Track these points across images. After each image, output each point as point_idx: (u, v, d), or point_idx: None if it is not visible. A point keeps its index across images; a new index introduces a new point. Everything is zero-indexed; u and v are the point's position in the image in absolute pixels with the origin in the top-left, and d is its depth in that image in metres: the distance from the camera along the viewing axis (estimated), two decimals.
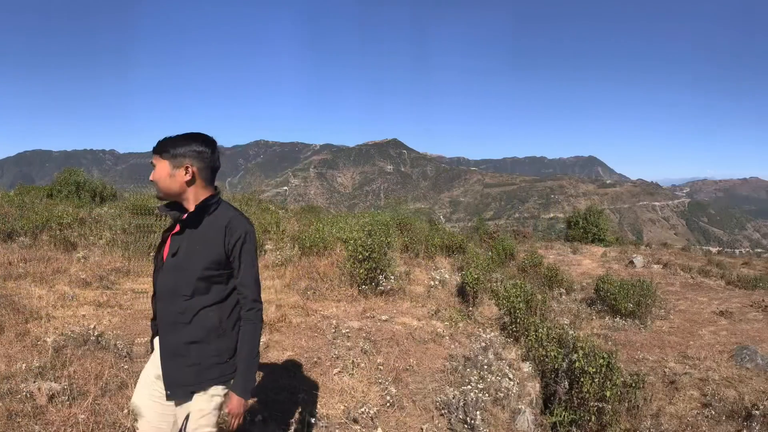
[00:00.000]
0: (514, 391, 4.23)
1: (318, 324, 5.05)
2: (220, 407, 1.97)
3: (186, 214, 1.88)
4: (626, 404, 4.87)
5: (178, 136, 1.88)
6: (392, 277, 6.39)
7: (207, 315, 1.91)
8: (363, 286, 6.15)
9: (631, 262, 16.54)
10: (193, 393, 1.95)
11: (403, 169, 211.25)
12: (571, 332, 5.65)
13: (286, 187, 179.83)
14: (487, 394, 4.01)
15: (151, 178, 1.89)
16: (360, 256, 6.12)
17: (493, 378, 4.24)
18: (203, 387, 1.93)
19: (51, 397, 2.80)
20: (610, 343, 7.23)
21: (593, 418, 4.62)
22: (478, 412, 3.82)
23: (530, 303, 6.55)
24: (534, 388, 4.67)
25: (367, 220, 9.46)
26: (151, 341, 2.12)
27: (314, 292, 5.95)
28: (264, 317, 2.03)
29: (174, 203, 1.94)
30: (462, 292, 7.04)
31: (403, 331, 5.25)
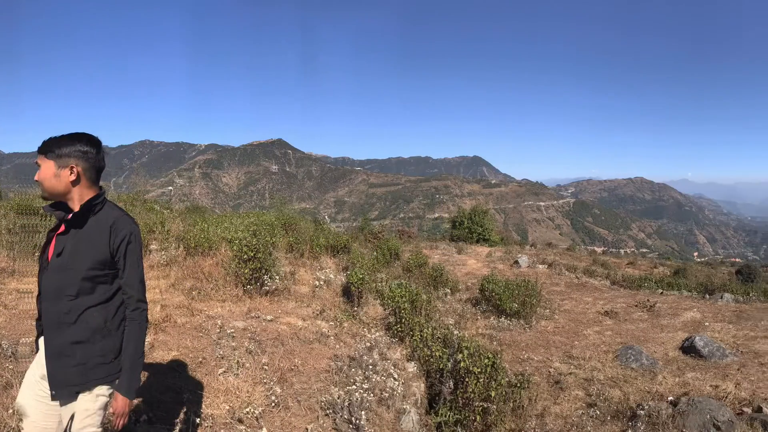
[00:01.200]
0: (399, 391, 6.84)
1: (203, 324, 7.89)
2: (106, 407, 3.23)
3: (71, 214, 3.04)
4: (511, 404, 8.46)
5: (63, 136, 3.04)
6: (277, 277, 10.33)
7: (92, 315, 3.08)
8: (248, 286, 9.80)
9: (516, 262, 26.12)
10: (78, 393, 3.13)
11: (288, 169, 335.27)
12: (456, 332, 9.12)
13: (171, 187, 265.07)
14: (372, 394, 6.57)
15: (36, 178, 3.11)
16: (245, 256, 9.79)
17: (378, 378, 6.77)
18: (88, 387, 3.13)
19: None
20: (495, 343, 11.59)
21: (478, 418, 8.23)
22: (363, 412, 6.40)
23: (415, 303, 10.78)
24: (419, 388, 7.51)
25: (252, 220, 14.45)
26: (36, 341, 3.41)
27: (199, 292, 9.24)
28: (149, 317, 4.14)
29: (59, 203, 3.10)
30: (347, 292, 11.20)
31: (288, 331, 8.47)
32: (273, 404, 6.06)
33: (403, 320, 9.73)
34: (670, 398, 10.26)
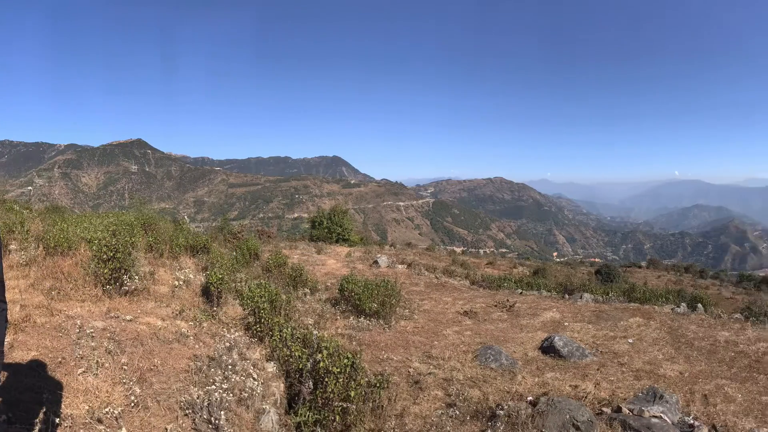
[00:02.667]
0: (259, 391, 7.68)
1: (62, 324, 8.48)
2: None
3: None
4: (370, 404, 9.42)
5: None
6: (137, 277, 11.27)
7: None
8: (107, 286, 10.68)
9: (376, 262, 29.52)
10: None
11: (147, 169, 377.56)
12: (315, 332, 10.28)
13: (30, 187, 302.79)
14: (231, 394, 7.35)
15: None
16: (104, 256, 10.78)
17: (237, 378, 7.60)
18: None
19: None
20: (354, 343, 12.73)
21: (338, 418, 8.86)
22: (222, 413, 7.10)
23: (275, 303, 11.98)
24: (278, 388, 8.35)
25: (111, 220, 16.01)
26: None
27: (59, 293, 9.99)
28: (8, 317, 4.72)
29: None
30: (206, 292, 12.34)
31: (147, 331, 9.20)
32: (132, 404, 6.58)
33: (263, 320, 10.85)
34: (530, 398, 11.38)
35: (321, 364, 8.99)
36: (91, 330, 8.06)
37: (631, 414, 11.18)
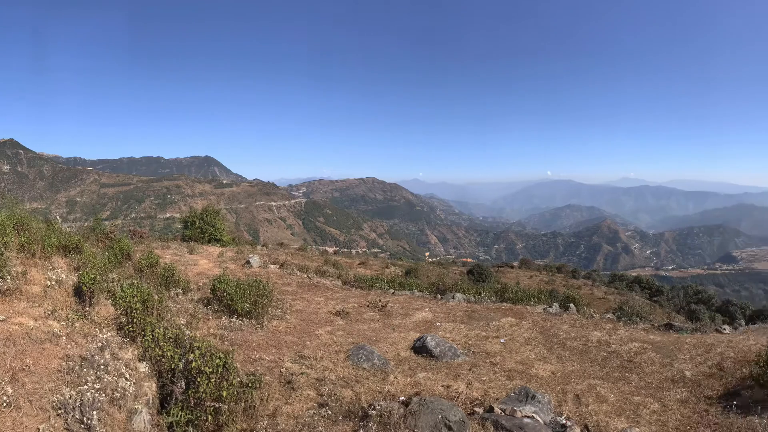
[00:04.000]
0: (131, 391, 8.11)
1: None
2: None
3: None
4: (243, 404, 9.96)
5: None
6: (8, 277, 11.53)
7: None
8: None
9: (248, 262, 31.04)
10: None
11: (20, 170, 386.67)
12: (187, 332, 10.69)
13: None
14: (104, 394, 7.80)
15: None
16: None
17: (109, 378, 8.05)
18: None
19: None
20: (227, 343, 13.32)
21: (210, 418, 9.31)
22: (94, 412, 7.52)
23: (147, 303, 12.32)
24: (151, 388, 8.75)
25: None
26: None
27: None
28: None
29: None
30: (79, 292, 12.72)
31: (19, 331, 9.47)
32: (4, 404, 6.81)
33: (135, 320, 11.19)
34: (402, 398, 12.05)
35: (193, 364, 9.39)
36: None
37: (503, 414, 11.96)
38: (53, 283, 12.54)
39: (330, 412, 11.02)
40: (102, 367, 8.51)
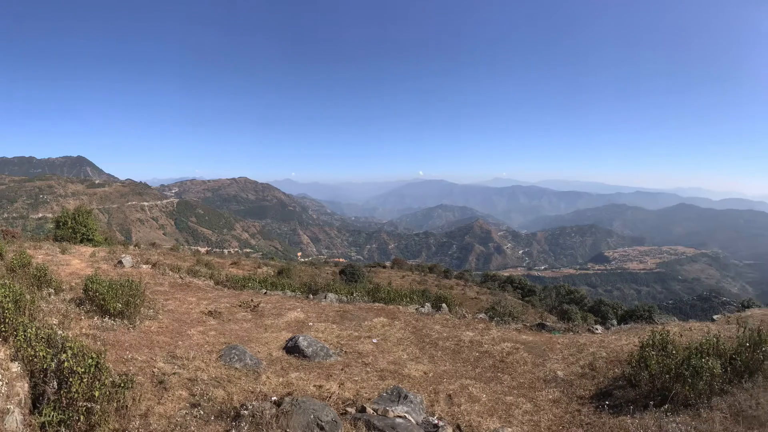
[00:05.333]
0: (3, 391, 8.43)
1: None
2: None
3: None
4: (115, 404, 10.34)
5: None
6: None
7: None
8: None
9: (120, 262, 31.81)
10: None
11: None
12: (60, 332, 11.05)
13: None
14: None
15: None
16: None
17: None
18: None
19: None
20: (99, 343, 13.65)
21: (82, 418, 9.63)
22: None
23: (19, 303, 12.60)
24: (23, 388, 9.01)
25: None
26: None
27: None
28: None
29: None
30: None
31: None
32: None
33: (7, 320, 11.12)
34: (274, 398, 12.49)
35: (65, 364, 9.56)
36: None
37: (375, 414, 12.53)
38: None
39: (202, 412, 11.36)
40: None
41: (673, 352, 15.53)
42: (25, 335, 10.47)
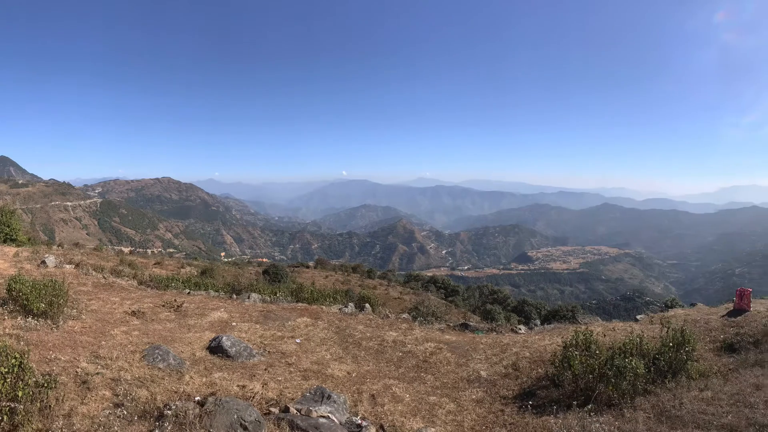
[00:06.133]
0: None
1: None
2: None
3: None
4: (39, 404, 10.58)
5: None
6: None
7: None
8: None
9: (44, 262, 32.12)
10: None
11: None
12: None
13: None
14: None
15: None
16: None
17: None
18: None
19: None
20: (22, 343, 14.42)
21: (5, 418, 9.94)
22: None
23: None
24: None
25: None
26: None
27: None
28: None
29: None
30: None
31: None
32: None
33: None
34: (198, 398, 12.68)
35: None
36: None
37: (299, 414, 12.80)
38: None
39: (126, 412, 11.48)
40: None
41: (597, 352, 15.97)
42: None
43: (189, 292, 28.28)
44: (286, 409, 13.00)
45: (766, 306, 22.63)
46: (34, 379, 10.39)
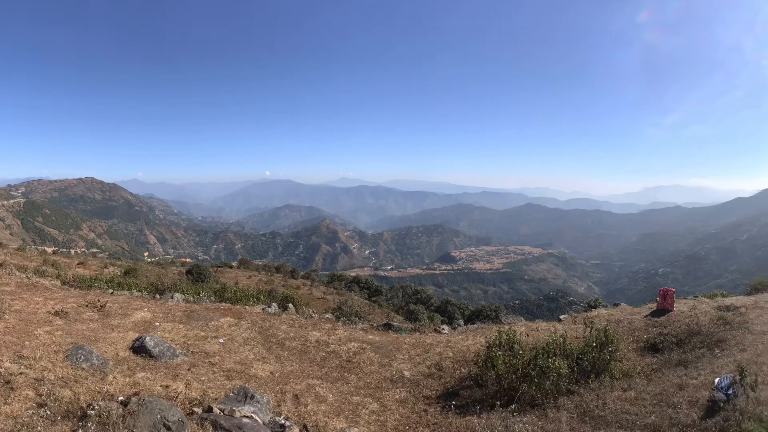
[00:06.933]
0: None
1: None
2: None
3: None
4: None
5: None
6: None
7: None
8: None
9: None
10: None
11: None
12: None
13: None
14: None
15: None
16: None
17: None
18: None
19: None
20: None
21: None
22: None
23: None
24: None
25: None
26: None
27: None
28: None
29: None
30: None
31: None
32: None
33: None
34: (121, 398, 12.72)
35: None
36: None
37: (222, 414, 12.94)
38: None
39: (49, 412, 11.50)
40: None
41: (520, 352, 16.39)
42: None
43: (112, 292, 28.18)
44: (210, 409, 13.09)
45: (689, 306, 23.50)
46: None
